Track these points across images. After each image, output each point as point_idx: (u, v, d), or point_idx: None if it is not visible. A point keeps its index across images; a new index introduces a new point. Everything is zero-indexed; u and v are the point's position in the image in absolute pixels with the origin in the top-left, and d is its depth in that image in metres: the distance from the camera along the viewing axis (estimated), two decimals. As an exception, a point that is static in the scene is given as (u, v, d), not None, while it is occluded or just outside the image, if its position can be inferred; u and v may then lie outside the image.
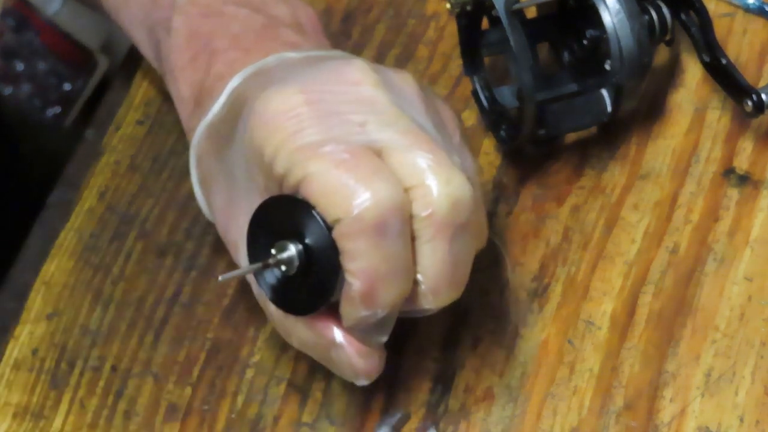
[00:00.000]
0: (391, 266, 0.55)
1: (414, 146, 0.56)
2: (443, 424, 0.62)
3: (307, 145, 0.55)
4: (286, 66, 0.61)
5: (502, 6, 0.64)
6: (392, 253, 0.55)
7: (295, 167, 0.55)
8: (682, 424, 0.61)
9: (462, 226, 0.56)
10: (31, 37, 0.75)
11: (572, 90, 0.69)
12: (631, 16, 0.65)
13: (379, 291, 0.56)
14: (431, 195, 0.55)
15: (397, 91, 0.58)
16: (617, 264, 0.66)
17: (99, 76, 0.77)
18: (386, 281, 0.55)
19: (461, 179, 0.55)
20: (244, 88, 0.60)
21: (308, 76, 0.58)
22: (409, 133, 0.56)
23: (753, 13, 0.72)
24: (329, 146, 0.55)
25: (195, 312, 0.68)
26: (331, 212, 0.55)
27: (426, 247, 0.56)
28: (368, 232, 0.54)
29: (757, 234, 0.65)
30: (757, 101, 0.65)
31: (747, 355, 0.62)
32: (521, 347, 0.64)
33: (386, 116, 0.56)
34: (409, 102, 0.58)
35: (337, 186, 0.54)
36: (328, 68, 0.58)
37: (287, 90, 0.57)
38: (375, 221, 0.54)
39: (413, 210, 0.55)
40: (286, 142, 0.56)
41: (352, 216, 0.54)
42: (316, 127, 0.56)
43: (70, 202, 0.73)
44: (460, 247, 0.56)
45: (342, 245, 0.55)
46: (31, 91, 0.79)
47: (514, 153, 0.70)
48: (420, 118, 0.58)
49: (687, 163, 0.68)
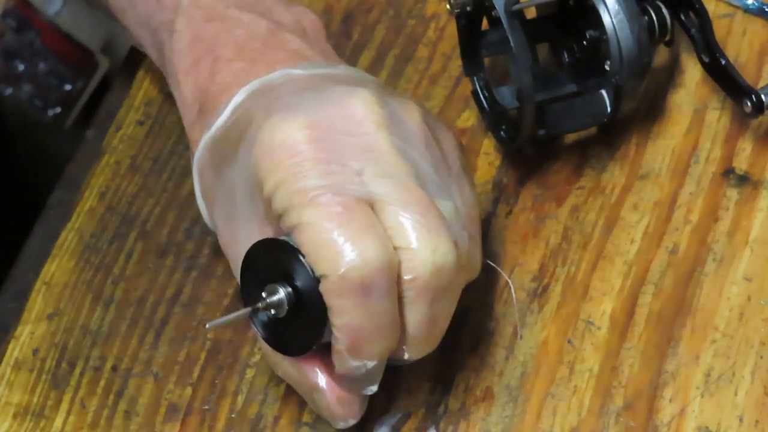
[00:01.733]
0: (377, 323, 0.56)
1: (408, 204, 0.56)
2: (443, 424, 0.62)
3: (304, 190, 0.56)
4: (292, 86, 0.60)
5: (502, 6, 0.64)
6: (377, 311, 0.56)
7: (291, 211, 0.56)
8: (682, 424, 0.61)
9: (443, 290, 0.57)
10: (31, 37, 0.76)
11: (572, 90, 0.69)
12: (631, 16, 0.65)
13: (364, 346, 0.57)
14: (417, 260, 0.56)
15: (400, 127, 0.58)
16: (617, 264, 0.66)
17: (100, 76, 0.78)
18: (371, 337, 0.56)
19: (447, 247, 0.56)
20: (248, 106, 0.60)
21: (313, 107, 0.58)
22: (406, 189, 0.56)
23: (752, 13, 0.72)
24: (325, 196, 0.55)
25: (195, 312, 0.68)
26: (319, 266, 0.55)
27: (407, 307, 0.57)
28: (353, 290, 0.55)
29: (757, 234, 0.65)
30: (756, 102, 0.65)
31: (746, 355, 0.62)
32: (521, 347, 0.64)
33: (385, 165, 0.57)
34: (411, 137, 0.59)
35: (327, 241, 0.55)
36: (333, 99, 0.58)
37: (292, 123, 0.57)
38: (360, 281, 0.55)
39: (401, 270, 0.56)
40: (286, 182, 0.56)
41: (338, 274, 0.55)
42: (315, 170, 0.56)
43: (70, 203, 0.73)
44: (439, 308, 0.58)
45: (328, 300, 0.56)
46: (31, 92, 0.79)
47: (514, 153, 0.70)
48: (419, 155, 0.58)
49: (686, 163, 0.68)
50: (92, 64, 0.77)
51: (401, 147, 0.57)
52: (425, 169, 0.58)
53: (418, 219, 0.56)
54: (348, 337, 0.56)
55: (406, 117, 0.59)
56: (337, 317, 0.56)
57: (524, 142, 0.67)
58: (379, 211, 0.56)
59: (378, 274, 0.55)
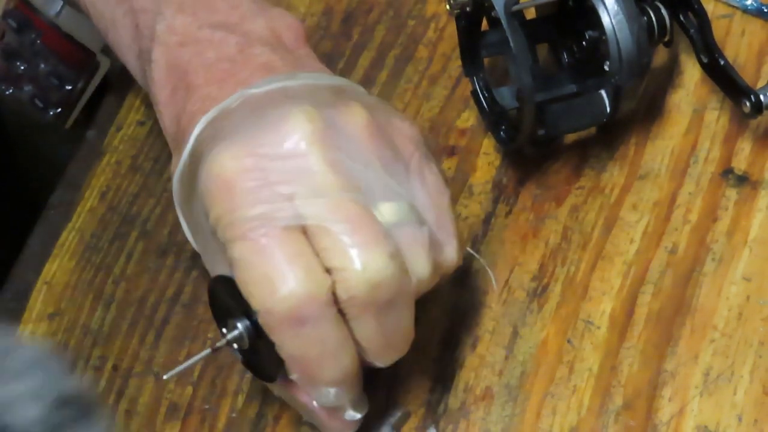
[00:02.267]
0: (320, 350, 0.56)
1: (338, 222, 0.55)
2: (443, 424, 0.63)
3: (235, 223, 0.55)
4: (244, 109, 0.59)
5: (502, 7, 0.64)
6: (316, 339, 0.55)
7: (227, 246, 0.56)
8: (681, 424, 0.61)
9: (387, 302, 0.56)
10: (32, 38, 0.76)
11: (571, 91, 0.69)
12: (630, 17, 0.65)
13: (316, 374, 0.57)
14: (350, 279, 0.55)
15: (338, 138, 0.57)
16: (616, 264, 0.66)
17: (100, 77, 0.78)
18: (320, 364, 0.56)
19: (381, 261, 0.55)
20: (204, 136, 0.59)
21: (250, 134, 0.57)
22: (336, 207, 0.55)
23: (751, 14, 0.73)
24: (252, 230, 0.55)
25: (196, 312, 0.68)
26: (252, 302, 0.55)
27: (354, 324, 0.56)
28: (286, 323, 0.55)
29: (756, 234, 0.66)
30: (755, 102, 0.65)
31: (745, 355, 0.62)
32: (520, 347, 0.64)
33: (317, 184, 0.56)
34: (352, 146, 0.57)
35: (253, 277, 0.55)
36: (269, 123, 0.57)
37: (225, 155, 0.56)
38: (289, 313, 0.55)
39: (336, 290, 0.55)
40: (221, 216, 0.56)
41: (266, 309, 0.55)
42: (245, 201, 0.55)
43: (71, 203, 0.73)
44: (390, 318, 0.57)
45: (267, 331, 0.56)
46: (32, 92, 0.79)
47: (513, 153, 0.70)
48: (362, 161, 0.57)
49: (686, 163, 0.68)
50: (93, 65, 0.77)
51: (336, 160, 0.56)
52: (369, 175, 0.57)
53: (348, 236, 0.55)
54: (296, 367, 0.56)
55: (348, 123, 0.58)
56: (280, 350, 0.56)
57: (524, 142, 0.67)
58: (311, 234, 0.55)
59: (307, 303, 0.54)
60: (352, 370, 0.57)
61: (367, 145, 0.58)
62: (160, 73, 0.62)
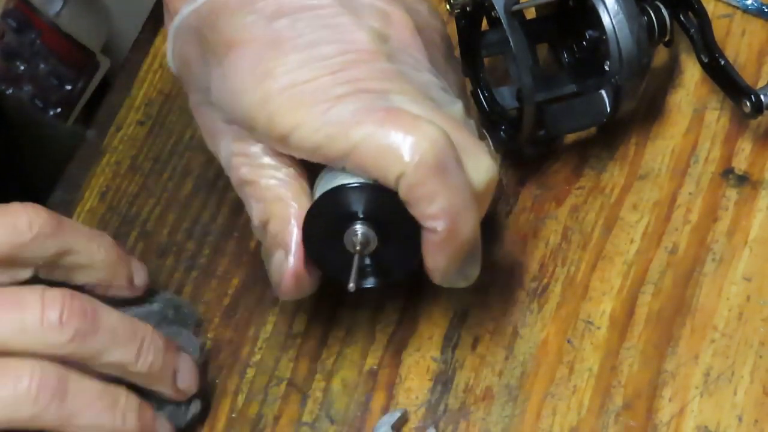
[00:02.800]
0: (463, 196, 0.57)
1: (438, 114, 0.57)
2: (443, 424, 0.62)
3: (338, 117, 0.56)
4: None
5: (502, 7, 0.64)
6: (459, 184, 0.56)
7: (337, 140, 0.56)
8: (681, 424, 0.61)
9: (488, 197, 0.59)
10: (32, 37, 0.76)
11: (572, 91, 0.69)
12: (630, 17, 0.65)
13: (462, 223, 0.57)
14: (482, 166, 0.58)
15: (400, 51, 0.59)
16: (616, 264, 0.66)
17: (100, 77, 0.78)
18: (464, 211, 0.57)
19: (492, 159, 0.58)
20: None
21: (320, 37, 0.58)
22: (430, 110, 0.57)
23: (751, 14, 0.73)
24: (361, 113, 0.56)
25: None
26: (392, 169, 0.56)
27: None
28: (434, 172, 0.56)
29: (756, 234, 0.66)
30: (755, 102, 0.65)
31: (746, 355, 0.62)
32: (520, 347, 0.64)
33: (403, 89, 0.57)
34: (410, 52, 0.60)
35: (388, 143, 0.56)
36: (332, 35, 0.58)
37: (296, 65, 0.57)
38: (435, 161, 0.56)
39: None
40: (310, 116, 0.57)
41: (415, 163, 0.55)
42: (336, 99, 0.57)
43: (71, 203, 0.73)
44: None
45: (414, 195, 0.56)
46: (32, 92, 0.79)
47: (513, 153, 0.70)
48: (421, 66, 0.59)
49: (686, 163, 0.68)
50: (92, 65, 0.77)
51: (407, 72, 0.58)
52: (430, 80, 0.59)
53: (461, 120, 0.58)
54: (447, 219, 0.56)
55: (400, 34, 0.60)
56: (428, 206, 0.56)
57: (524, 143, 0.67)
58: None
59: (447, 149, 0.56)
60: (479, 223, 0.58)
61: (421, 52, 0.60)
62: None
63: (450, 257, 0.58)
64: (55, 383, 0.57)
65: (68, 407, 0.58)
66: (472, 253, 0.59)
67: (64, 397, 0.58)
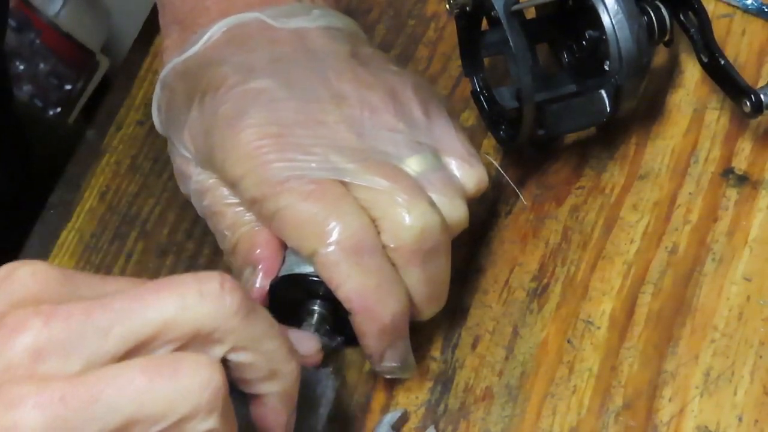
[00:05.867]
0: (378, 279, 0.57)
1: (378, 178, 0.58)
2: (443, 424, 0.62)
3: (272, 180, 0.58)
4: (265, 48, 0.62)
5: (502, 7, 0.64)
6: (374, 267, 0.57)
7: (265, 201, 0.58)
8: (681, 424, 0.61)
9: (430, 250, 0.58)
10: (32, 37, 0.76)
11: (571, 90, 0.69)
12: (630, 17, 0.65)
13: (375, 305, 0.58)
14: (399, 228, 0.57)
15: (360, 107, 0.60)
16: (616, 264, 0.66)
17: (100, 76, 0.78)
18: (378, 294, 0.57)
19: (426, 209, 0.58)
20: (220, 50, 0.62)
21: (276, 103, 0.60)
22: (372, 167, 0.58)
23: (752, 13, 0.73)
24: (294, 180, 0.57)
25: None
26: (306, 245, 0.57)
27: (401, 274, 0.58)
28: (347, 255, 0.57)
29: (756, 234, 0.66)
30: (755, 101, 0.65)
31: (746, 355, 0.62)
32: (520, 347, 0.64)
33: (348, 148, 0.59)
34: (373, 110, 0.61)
35: (308, 217, 0.57)
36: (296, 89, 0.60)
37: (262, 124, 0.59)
38: (350, 244, 0.56)
39: (383, 240, 0.58)
40: (249, 175, 0.58)
41: (327, 242, 0.56)
42: (280, 158, 0.58)
43: (71, 203, 0.73)
44: (433, 266, 0.59)
45: (326, 275, 0.57)
46: (32, 92, 0.79)
47: (513, 153, 0.70)
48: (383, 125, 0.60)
49: (686, 163, 0.68)
50: (92, 64, 0.77)
51: (361, 130, 0.59)
52: (394, 137, 0.60)
53: (389, 187, 0.58)
54: (357, 299, 0.57)
55: (367, 90, 0.61)
56: (339, 287, 0.57)
57: (524, 142, 0.67)
58: (350, 188, 0.58)
59: (365, 234, 0.57)
60: (406, 309, 0.59)
61: (389, 107, 0.61)
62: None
63: (372, 340, 0.59)
64: None
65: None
66: (400, 339, 0.59)
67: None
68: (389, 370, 0.61)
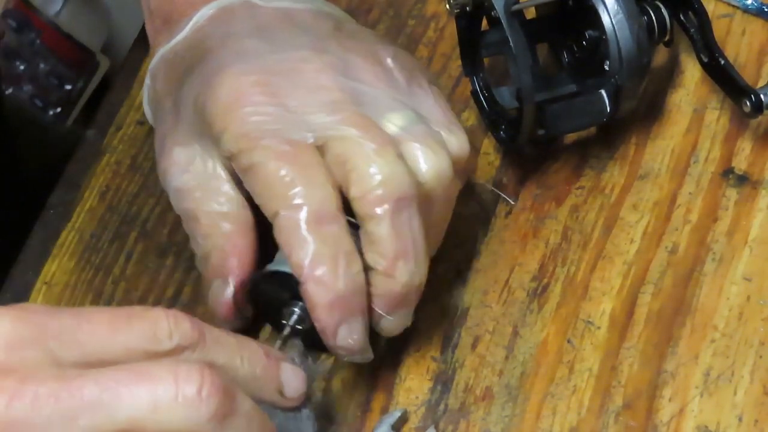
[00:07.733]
0: (334, 250, 0.57)
1: (350, 128, 0.58)
2: (443, 424, 0.62)
3: (250, 134, 0.58)
4: (250, 22, 0.63)
5: (502, 7, 0.64)
6: (331, 238, 0.57)
7: (242, 155, 0.58)
8: (681, 424, 0.61)
9: (399, 202, 0.58)
10: (32, 37, 0.76)
11: (571, 90, 0.69)
12: (630, 16, 0.65)
13: (328, 275, 0.57)
14: (362, 176, 0.58)
15: (345, 66, 0.61)
16: (616, 264, 0.66)
17: (100, 76, 0.78)
18: (332, 264, 0.57)
19: (390, 158, 0.58)
20: (207, 31, 0.64)
21: (262, 57, 0.61)
22: (346, 119, 0.59)
23: (752, 13, 0.73)
24: (270, 138, 0.58)
25: (196, 312, 0.68)
26: (270, 205, 0.58)
27: (368, 226, 0.58)
28: (306, 220, 0.57)
29: (756, 234, 0.66)
30: (755, 101, 0.65)
31: (746, 355, 0.62)
32: (520, 347, 0.64)
33: (326, 101, 0.59)
34: (358, 70, 0.62)
35: (276, 178, 0.57)
36: (279, 48, 0.61)
37: (235, 73, 0.60)
38: (312, 209, 0.57)
39: (351, 192, 0.58)
40: (228, 129, 0.59)
41: (288, 206, 0.57)
42: (257, 112, 0.59)
43: (71, 202, 0.73)
44: (402, 222, 0.58)
45: (282, 239, 0.58)
46: (32, 92, 0.79)
47: (513, 153, 0.70)
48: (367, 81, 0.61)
49: (686, 163, 0.68)
50: (92, 64, 0.77)
51: (344, 83, 0.60)
52: (374, 92, 0.61)
53: (359, 136, 0.58)
54: (309, 265, 0.57)
55: (350, 53, 0.62)
56: (293, 252, 0.57)
57: (524, 142, 0.67)
58: (323, 148, 0.58)
59: (328, 203, 0.57)
60: (360, 285, 0.58)
61: (370, 71, 0.62)
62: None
63: (323, 312, 0.58)
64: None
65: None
66: (355, 317, 0.59)
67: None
68: (345, 350, 0.60)
